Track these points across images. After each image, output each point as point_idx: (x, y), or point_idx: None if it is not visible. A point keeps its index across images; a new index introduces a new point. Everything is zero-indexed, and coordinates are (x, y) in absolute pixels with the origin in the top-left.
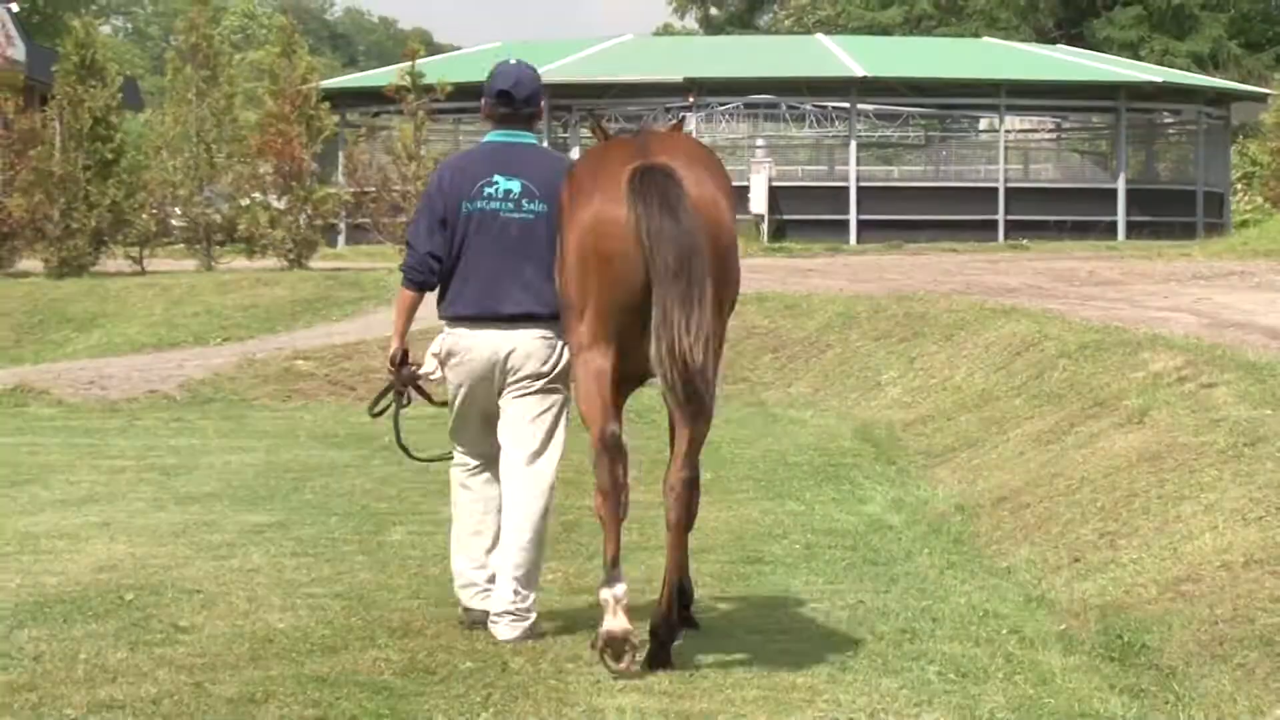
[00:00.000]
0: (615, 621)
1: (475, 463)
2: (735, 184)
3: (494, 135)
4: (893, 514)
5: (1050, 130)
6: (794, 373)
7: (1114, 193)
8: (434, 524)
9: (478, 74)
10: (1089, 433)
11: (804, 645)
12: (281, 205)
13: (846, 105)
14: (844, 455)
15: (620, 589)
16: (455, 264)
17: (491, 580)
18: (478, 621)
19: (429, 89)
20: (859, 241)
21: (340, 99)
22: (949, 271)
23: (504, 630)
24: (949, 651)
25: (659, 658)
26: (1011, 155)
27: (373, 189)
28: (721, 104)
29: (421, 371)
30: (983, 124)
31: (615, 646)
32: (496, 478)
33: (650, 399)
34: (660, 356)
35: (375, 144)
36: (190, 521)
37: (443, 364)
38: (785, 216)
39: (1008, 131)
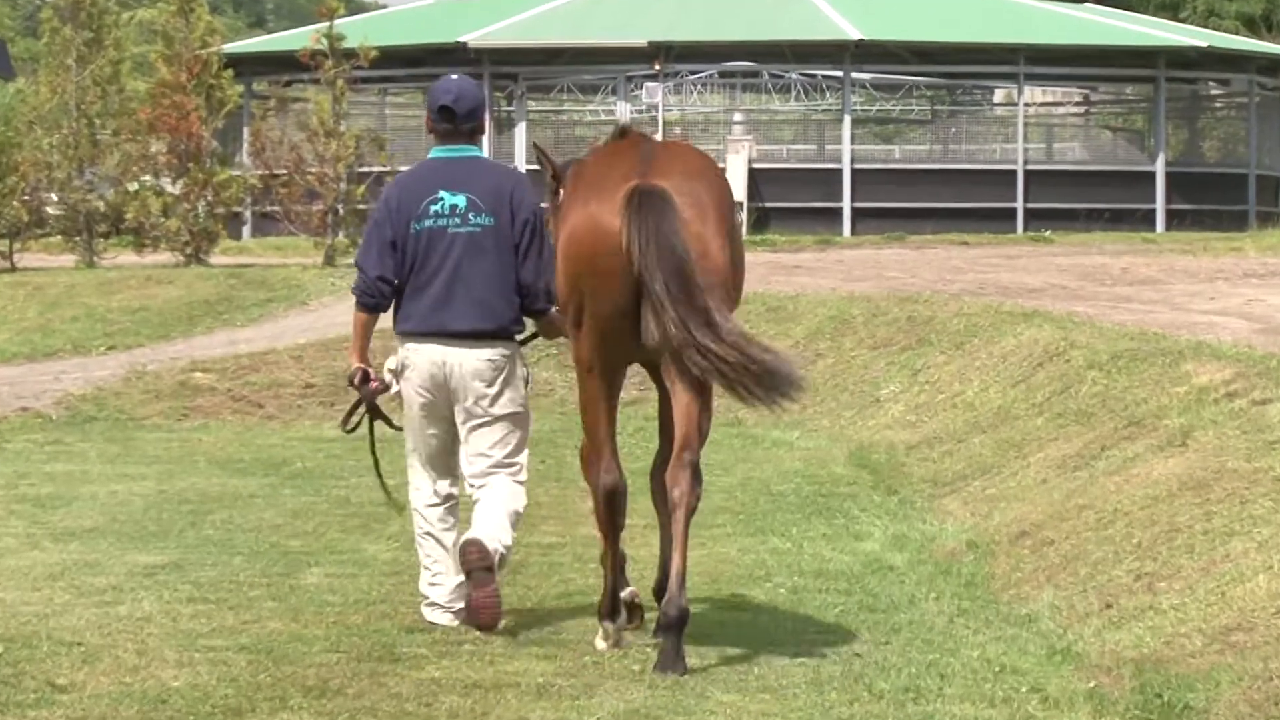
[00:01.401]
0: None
1: (436, 499)
2: None
3: (437, 151)
4: (894, 552)
5: (1077, 103)
6: None
7: (1152, 176)
8: (356, 565)
9: (406, 36)
10: (1123, 457)
11: (790, 706)
12: (176, 190)
13: (839, 74)
14: (837, 484)
15: (623, 619)
16: (406, 282)
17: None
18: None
19: (350, 54)
20: (854, 233)
21: (246, 65)
22: (959, 268)
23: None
24: (960, 713)
25: (672, 657)
26: (1032, 132)
27: (284, 171)
28: (693, 72)
29: (392, 393)
30: (998, 96)
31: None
32: (455, 516)
33: (643, 418)
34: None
35: (286, 118)
36: (69, 562)
37: (397, 378)
38: (768, 204)
39: (1027, 105)
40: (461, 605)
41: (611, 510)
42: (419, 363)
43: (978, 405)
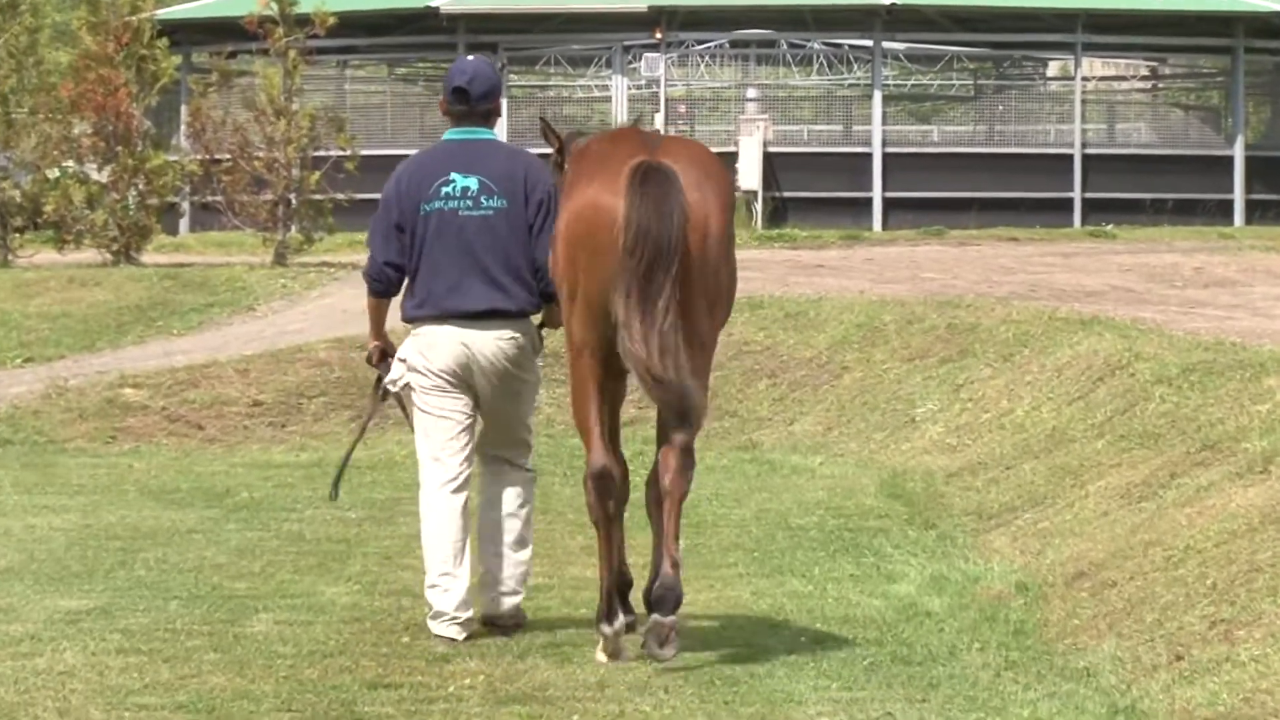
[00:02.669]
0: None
1: (450, 481)
2: (720, 150)
3: (451, 133)
4: (931, 596)
5: (1143, 78)
6: (798, 405)
7: (1229, 161)
8: (310, 611)
9: (368, 1)
10: (1196, 486)
11: None
12: (103, 178)
13: (869, 43)
14: (865, 517)
15: (619, 623)
16: (418, 265)
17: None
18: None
19: (303, 21)
20: (885, 227)
21: (183, 34)
22: (1007, 268)
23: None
24: None
25: (663, 636)
26: (1091, 111)
27: (227, 156)
28: (700, 42)
29: (388, 379)
30: (1053, 69)
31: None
32: (463, 493)
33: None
34: (625, 358)
35: (230, 95)
36: None
37: (411, 369)
38: (786, 194)
39: (1086, 79)
40: (470, 615)
41: (600, 495)
42: (439, 344)
43: (1028, 426)
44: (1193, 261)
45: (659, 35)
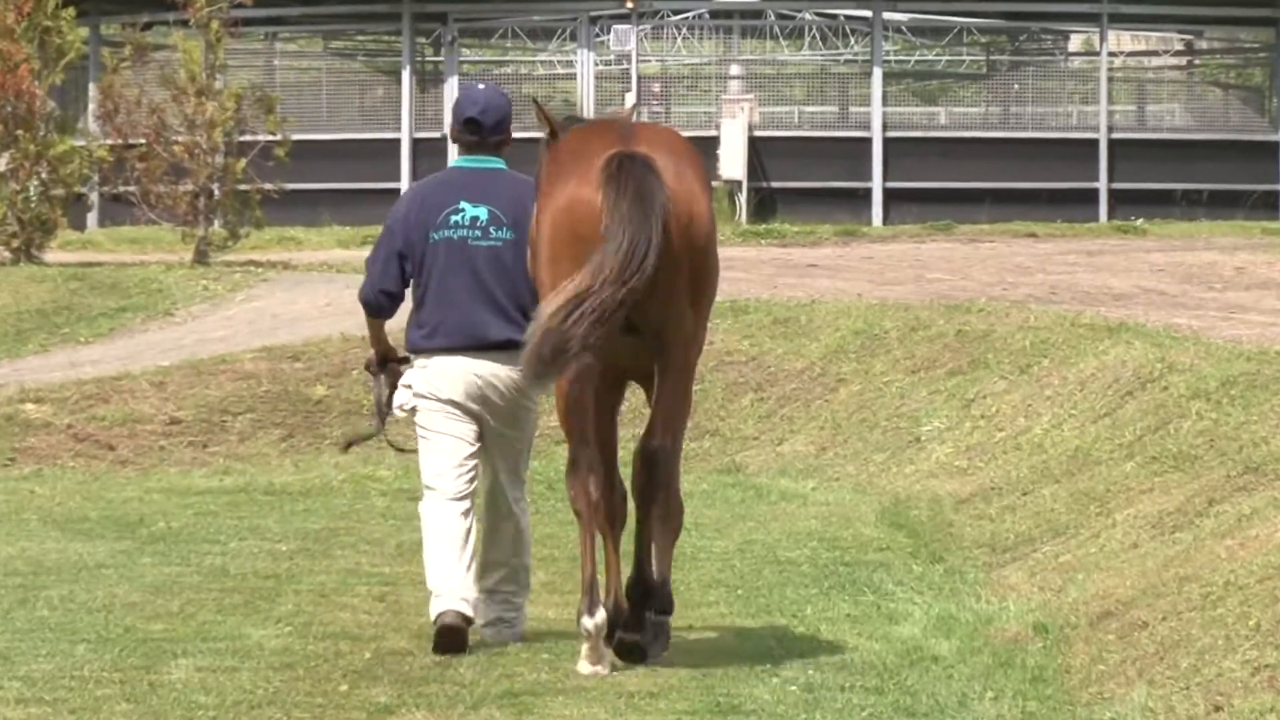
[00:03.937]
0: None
1: (449, 493)
2: (699, 134)
3: (461, 161)
4: (939, 638)
5: (1177, 53)
6: (788, 422)
7: (1274, 148)
8: (235, 655)
9: None
10: (1237, 514)
11: None
12: (1, 166)
13: (867, 14)
14: (864, 548)
15: (601, 616)
16: (424, 294)
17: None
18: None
19: None
20: (887, 221)
21: (92, 3)
22: (1024, 268)
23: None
24: None
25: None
26: (1119, 91)
27: (142, 141)
28: (677, 12)
29: (397, 404)
30: (1075, 43)
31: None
32: (470, 511)
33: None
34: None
35: (146, 72)
36: None
37: (417, 394)
38: (774, 184)
39: (1112, 55)
40: (471, 610)
41: (581, 485)
42: (450, 374)
43: (1048, 447)
44: (1233, 260)
45: (630, 4)
